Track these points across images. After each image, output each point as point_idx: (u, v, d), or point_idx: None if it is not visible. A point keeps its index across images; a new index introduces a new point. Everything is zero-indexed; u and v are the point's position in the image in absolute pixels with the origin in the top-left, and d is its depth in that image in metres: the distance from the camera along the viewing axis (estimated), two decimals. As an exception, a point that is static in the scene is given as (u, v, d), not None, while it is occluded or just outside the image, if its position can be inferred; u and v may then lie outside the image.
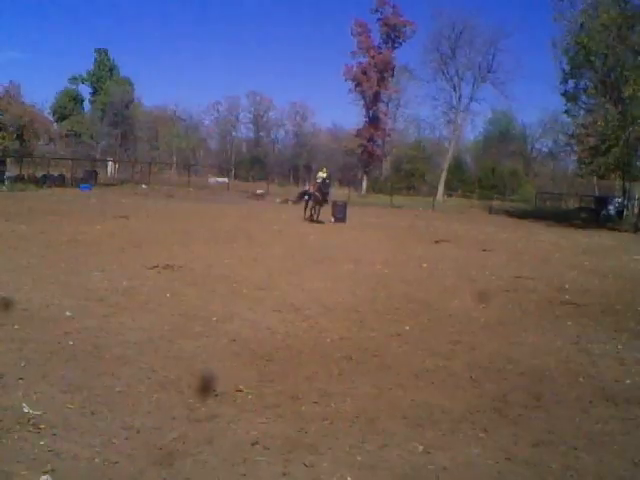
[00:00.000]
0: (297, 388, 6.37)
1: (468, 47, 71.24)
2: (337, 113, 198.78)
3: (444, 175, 71.50)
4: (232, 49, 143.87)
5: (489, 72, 70.83)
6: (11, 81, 74.73)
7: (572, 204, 61.58)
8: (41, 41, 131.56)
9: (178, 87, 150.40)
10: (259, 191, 52.62)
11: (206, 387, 6.19)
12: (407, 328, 9.33)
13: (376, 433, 5.41)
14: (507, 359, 8.00)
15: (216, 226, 23.23)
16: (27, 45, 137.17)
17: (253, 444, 5.03)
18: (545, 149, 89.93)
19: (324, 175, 30.33)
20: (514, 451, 5.23)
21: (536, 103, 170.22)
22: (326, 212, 30.33)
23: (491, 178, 74.11)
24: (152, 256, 14.16)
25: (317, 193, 29.21)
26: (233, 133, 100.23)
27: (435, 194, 65.65)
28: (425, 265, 16.20)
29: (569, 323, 10.49)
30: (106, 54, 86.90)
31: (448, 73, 72.90)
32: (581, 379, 7.41)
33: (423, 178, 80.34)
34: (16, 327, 7.74)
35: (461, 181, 75.14)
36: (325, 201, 29.86)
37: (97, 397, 5.71)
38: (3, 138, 64.75)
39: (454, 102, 73.84)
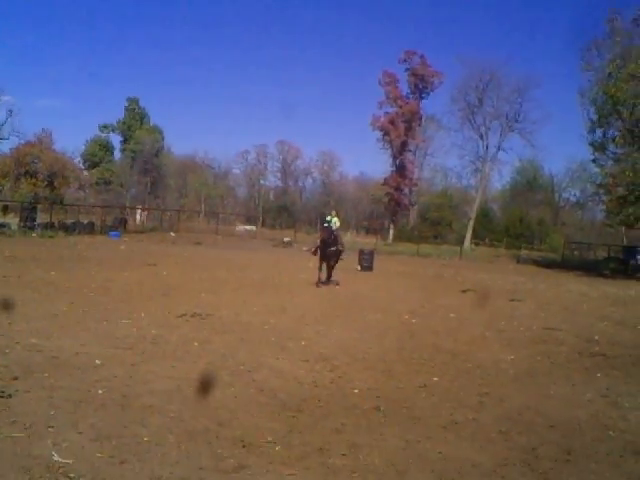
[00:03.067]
0: (325, 439, 6.34)
1: (495, 96, 71.47)
2: (364, 162, 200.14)
3: (471, 224, 71.28)
4: (261, 98, 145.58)
5: (516, 121, 70.94)
6: (43, 129, 76.34)
7: (600, 254, 60.93)
8: (73, 89, 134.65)
9: (207, 136, 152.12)
10: (286, 239, 52.87)
11: (234, 437, 6.18)
12: (435, 379, 9.28)
13: (405, 486, 5.36)
14: (537, 412, 7.92)
15: (244, 274, 23.32)
16: (59, 93, 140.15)
17: (281, 496, 5.02)
18: (573, 198, 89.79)
19: (331, 219, 23.08)
20: (545, 507, 5.16)
21: (563, 152, 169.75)
22: (352, 261, 30.34)
23: (519, 227, 73.72)
24: (180, 304, 14.23)
25: (320, 245, 22.03)
26: (261, 181, 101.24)
27: (462, 243, 65.47)
28: (453, 315, 16.12)
29: (599, 375, 10.38)
30: (137, 103, 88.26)
31: (475, 122, 73.12)
32: (611, 433, 7.31)
33: (450, 227, 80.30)
34: (46, 375, 7.78)
35: (488, 230, 74.81)
36: (334, 254, 22.39)
37: (126, 446, 5.72)
38: (34, 185, 65.83)
39: (481, 151, 73.94)
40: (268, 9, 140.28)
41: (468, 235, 70.01)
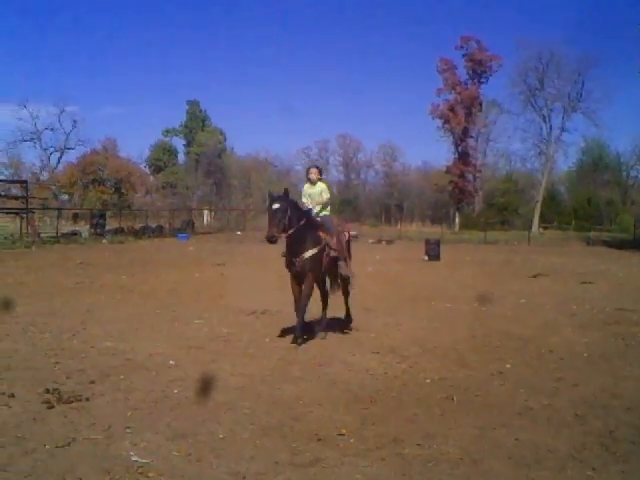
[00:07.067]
0: (399, 430, 6.33)
1: (556, 77, 70.59)
2: (426, 151, 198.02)
3: (538, 208, 70.35)
4: (320, 94, 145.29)
5: (579, 101, 69.83)
6: (107, 137, 78.11)
7: (673, 231, 59.28)
8: (135, 96, 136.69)
9: (269, 134, 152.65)
10: (352, 232, 52.83)
11: (308, 431, 6.22)
12: (508, 366, 9.17)
13: (480, 474, 5.32)
14: (612, 394, 7.77)
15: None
16: (121, 100, 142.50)
17: (357, 488, 5.03)
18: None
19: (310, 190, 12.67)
20: (625, 490, 5.07)
21: (629, 130, 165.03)
22: (418, 252, 30.11)
23: (587, 209, 72.39)
24: (250, 302, 14.36)
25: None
26: (324, 176, 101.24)
27: (530, 227, 64.59)
28: (523, 300, 15.92)
29: (675, 356, 10.14)
30: (197, 105, 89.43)
31: (537, 104, 72.35)
32: (691, 414, 7.13)
33: (517, 212, 79.17)
34: (121, 377, 7.96)
35: (556, 213, 73.63)
36: (312, 265, 10.79)
37: (202, 444, 5.81)
38: (102, 192, 67.35)
39: (544, 133, 73.11)
40: (318, 4, 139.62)
41: (535, 219, 69.14)
